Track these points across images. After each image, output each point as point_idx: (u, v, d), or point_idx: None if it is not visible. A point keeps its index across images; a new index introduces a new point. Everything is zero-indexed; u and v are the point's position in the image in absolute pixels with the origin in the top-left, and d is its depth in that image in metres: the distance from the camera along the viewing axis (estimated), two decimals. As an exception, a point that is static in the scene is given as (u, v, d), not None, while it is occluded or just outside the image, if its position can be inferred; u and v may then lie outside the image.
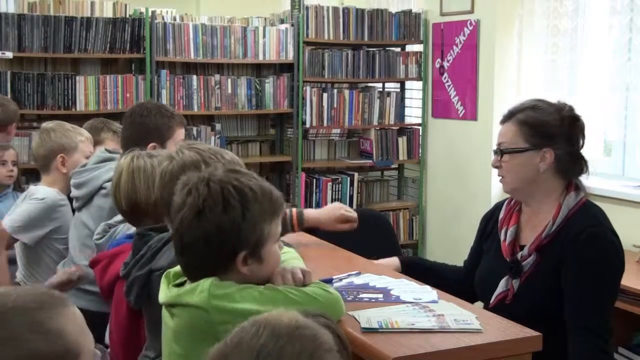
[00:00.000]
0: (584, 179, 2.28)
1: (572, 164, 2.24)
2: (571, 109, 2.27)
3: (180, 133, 2.70)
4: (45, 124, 3.09)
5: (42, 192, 2.95)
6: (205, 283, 1.57)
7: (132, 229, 2.25)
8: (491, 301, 2.26)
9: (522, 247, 2.26)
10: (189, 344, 1.60)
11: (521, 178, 2.25)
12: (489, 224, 2.47)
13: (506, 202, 2.41)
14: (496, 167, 2.31)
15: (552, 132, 2.22)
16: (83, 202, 2.72)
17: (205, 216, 1.56)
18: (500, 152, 2.27)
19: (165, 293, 1.66)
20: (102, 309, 2.38)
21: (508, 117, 2.29)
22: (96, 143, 3.20)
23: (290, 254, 1.92)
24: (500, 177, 2.32)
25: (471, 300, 2.31)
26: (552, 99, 2.34)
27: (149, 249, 1.87)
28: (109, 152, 2.80)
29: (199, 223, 1.56)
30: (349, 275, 2.18)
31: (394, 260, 2.53)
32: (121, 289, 1.95)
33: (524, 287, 2.21)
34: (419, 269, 2.50)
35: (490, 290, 2.28)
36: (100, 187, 2.67)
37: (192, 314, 1.57)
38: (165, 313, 1.68)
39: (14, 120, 3.88)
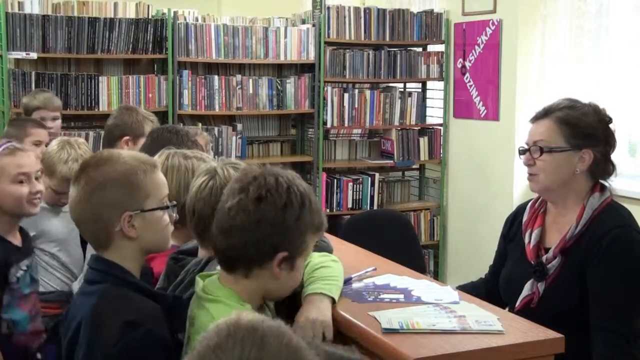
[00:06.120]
0: (611, 181, 2.24)
1: (605, 166, 2.21)
2: (605, 110, 2.23)
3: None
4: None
5: None
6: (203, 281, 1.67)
7: None
8: (516, 305, 2.23)
9: (547, 250, 2.22)
10: None
11: (556, 178, 2.19)
12: (513, 226, 2.42)
13: (530, 204, 2.37)
14: (529, 164, 2.23)
15: (592, 133, 2.18)
16: None
17: (264, 204, 1.59)
18: (540, 149, 2.18)
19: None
20: None
21: (544, 115, 2.22)
22: (138, 137, 3.06)
23: (323, 262, 1.93)
24: (530, 175, 2.24)
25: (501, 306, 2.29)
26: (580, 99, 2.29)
27: (188, 274, 1.84)
28: None
29: (256, 209, 1.58)
30: (366, 272, 2.17)
31: None
32: None
33: (550, 290, 2.18)
34: None
35: (516, 293, 2.24)
36: None
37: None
38: None
39: (60, 108, 4.04)
